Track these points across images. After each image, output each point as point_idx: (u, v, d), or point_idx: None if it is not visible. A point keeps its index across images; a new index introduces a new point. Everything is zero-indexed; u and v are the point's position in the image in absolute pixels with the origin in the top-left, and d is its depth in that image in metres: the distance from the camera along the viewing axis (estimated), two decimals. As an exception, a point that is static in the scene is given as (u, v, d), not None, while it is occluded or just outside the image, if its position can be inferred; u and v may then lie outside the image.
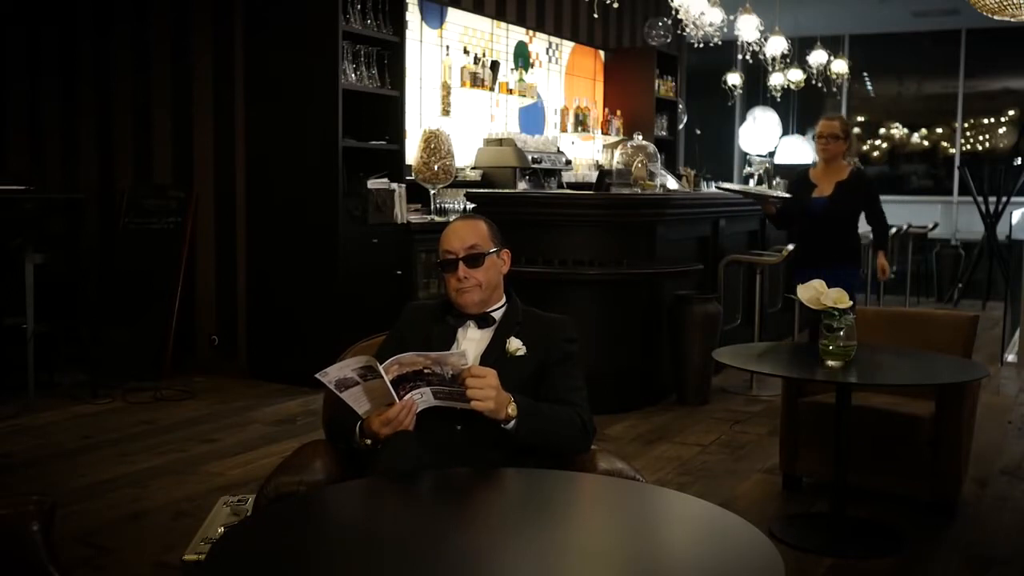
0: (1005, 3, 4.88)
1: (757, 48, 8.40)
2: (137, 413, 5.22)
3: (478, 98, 7.46)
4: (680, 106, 9.61)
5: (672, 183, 6.48)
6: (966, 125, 12.52)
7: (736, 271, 6.47)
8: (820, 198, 5.15)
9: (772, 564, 1.66)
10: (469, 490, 2.13)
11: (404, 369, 2.16)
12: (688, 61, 10.19)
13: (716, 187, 7.07)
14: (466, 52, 7.35)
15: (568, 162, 7.75)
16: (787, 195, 5.38)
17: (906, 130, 13.13)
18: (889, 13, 11.35)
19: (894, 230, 9.48)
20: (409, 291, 5.90)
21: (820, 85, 10.28)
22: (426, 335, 2.43)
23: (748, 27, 7.97)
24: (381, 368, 2.12)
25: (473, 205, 5.68)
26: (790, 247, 5.66)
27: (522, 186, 7.06)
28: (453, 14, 7.18)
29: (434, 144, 6.24)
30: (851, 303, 3.55)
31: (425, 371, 2.17)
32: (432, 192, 6.37)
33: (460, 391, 2.17)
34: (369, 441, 2.25)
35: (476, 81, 7.32)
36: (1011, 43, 11.46)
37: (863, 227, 5.42)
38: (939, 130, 12.88)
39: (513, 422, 2.21)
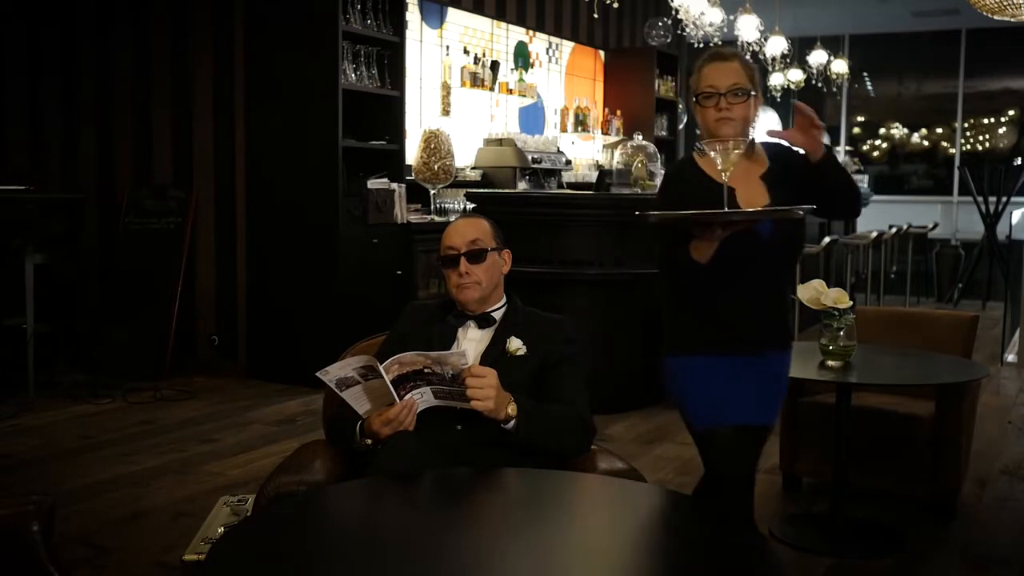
0: (1005, 3, 4.89)
1: (757, 48, 8.39)
2: (137, 413, 5.22)
3: (478, 98, 7.46)
4: (680, 106, 9.61)
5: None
6: (966, 125, 12.52)
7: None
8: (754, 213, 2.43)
9: (772, 564, 1.66)
10: (469, 490, 2.13)
11: (404, 368, 2.16)
12: (688, 61, 10.18)
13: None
14: (466, 52, 7.35)
15: (568, 162, 7.75)
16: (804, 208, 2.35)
17: (906, 130, 13.13)
18: (889, 13, 11.35)
19: (894, 230, 9.50)
20: (409, 291, 5.90)
21: (820, 85, 10.28)
22: (427, 335, 2.43)
23: (748, 27, 7.97)
24: (381, 368, 2.12)
25: (473, 205, 5.68)
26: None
27: (522, 186, 7.06)
28: (453, 14, 7.18)
29: (434, 144, 6.24)
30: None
31: (425, 370, 2.17)
32: (432, 192, 6.37)
33: (460, 391, 2.17)
34: (369, 441, 2.25)
35: (476, 81, 7.32)
36: (1011, 43, 11.46)
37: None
38: (939, 130, 12.88)
39: (513, 422, 2.21)
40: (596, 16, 8.14)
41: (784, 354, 2.68)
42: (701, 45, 7.35)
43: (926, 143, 13.05)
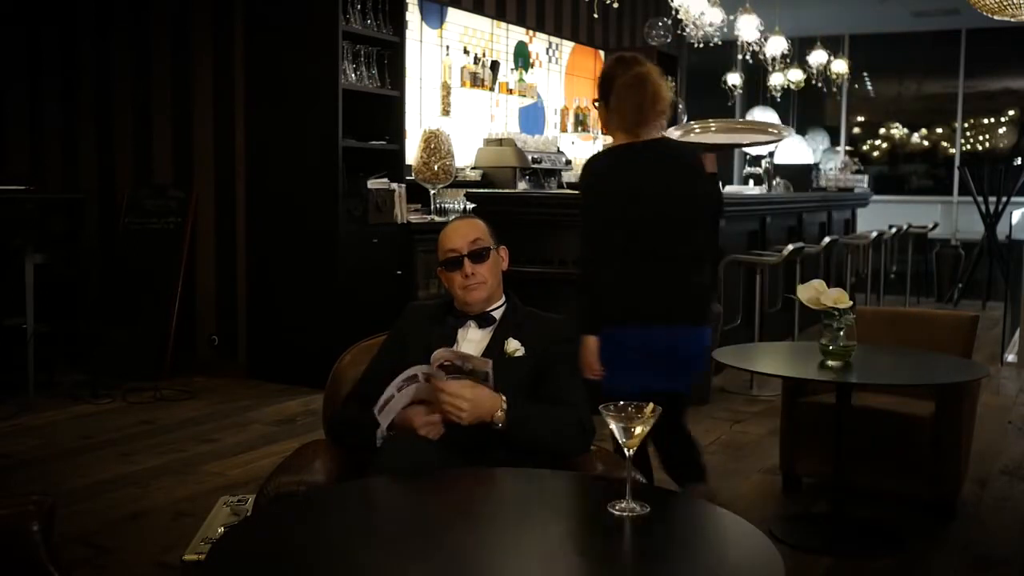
0: (1005, 3, 4.89)
1: (757, 48, 8.40)
2: (137, 413, 5.22)
3: (478, 98, 7.46)
4: (680, 106, 9.59)
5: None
6: (966, 125, 12.52)
7: (736, 271, 6.47)
8: None
9: (772, 564, 1.66)
10: (469, 490, 2.13)
11: (443, 360, 2.28)
12: (688, 61, 10.18)
13: None
14: (466, 52, 7.35)
15: (568, 162, 7.74)
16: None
17: (906, 130, 13.13)
18: (889, 13, 11.34)
19: (894, 230, 9.48)
20: (409, 291, 5.90)
21: (820, 85, 10.28)
22: (426, 335, 2.44)
23: (748, 27, 7.97)
24: (429, 367, 2.24)
25: (473, 205, 5.68)
26: None
27: (522, 186, 7.06)
28: (453, 14, 7.18)
29: (434, 144, 6.24)
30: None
31: (445, 363, 2.28)
32: (432, 192, 6.37)
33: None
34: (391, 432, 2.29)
35: (476, 81, 7.32)
36: (1011, 43, 11.46)
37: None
38: (939, 130, 12.88)
39: (501, 423, 2.22)
40: (596, 16, 8.14)
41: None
42: (701, 45, 7.36)
43: (926, 143, 13.05)
